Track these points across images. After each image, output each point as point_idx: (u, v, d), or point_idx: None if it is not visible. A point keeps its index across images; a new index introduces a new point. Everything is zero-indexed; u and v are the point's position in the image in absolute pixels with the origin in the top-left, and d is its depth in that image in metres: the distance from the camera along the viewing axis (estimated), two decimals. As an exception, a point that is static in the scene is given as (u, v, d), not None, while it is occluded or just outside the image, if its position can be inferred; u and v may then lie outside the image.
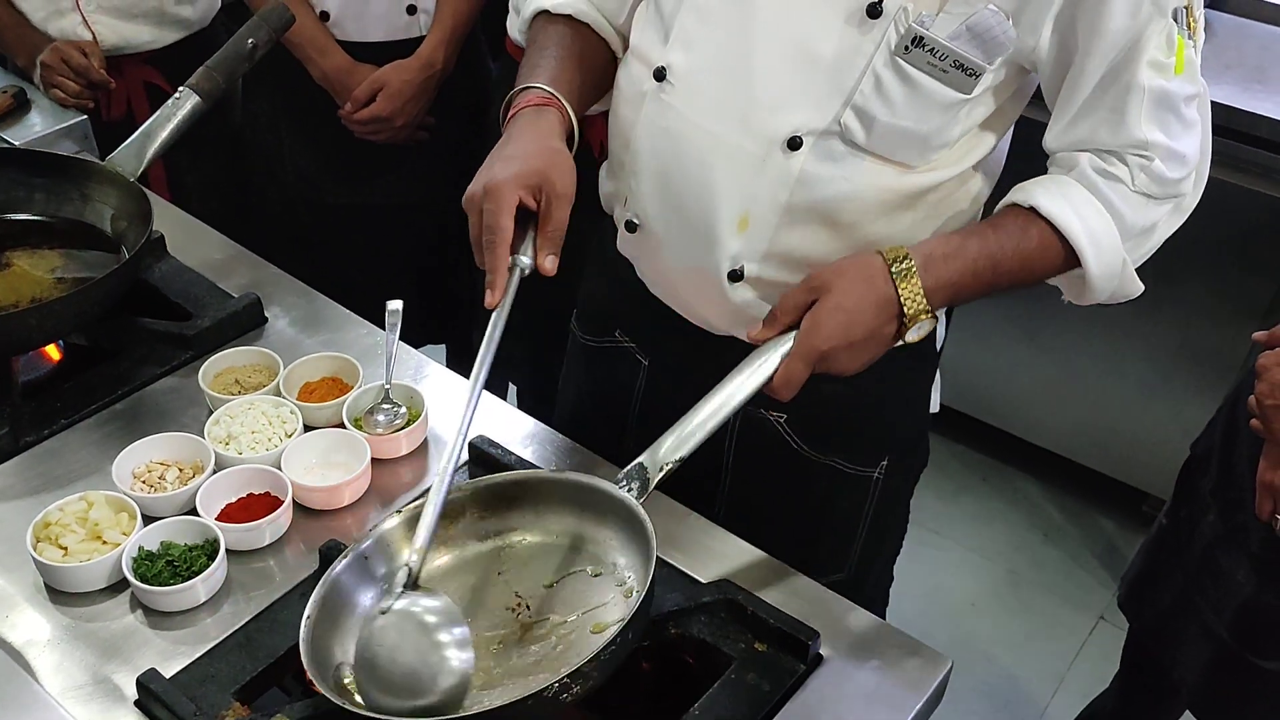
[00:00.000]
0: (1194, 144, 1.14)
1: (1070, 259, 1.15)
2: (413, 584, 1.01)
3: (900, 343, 1.13)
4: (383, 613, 0.99)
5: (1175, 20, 1.08)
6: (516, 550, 1.12)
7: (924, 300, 1.10)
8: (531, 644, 1.03)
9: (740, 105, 1.13)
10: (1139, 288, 1.21)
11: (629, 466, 1.09)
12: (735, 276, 1.20)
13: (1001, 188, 1.23)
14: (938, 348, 1.38)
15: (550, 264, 1.11)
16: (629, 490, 1.07)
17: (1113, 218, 1.14)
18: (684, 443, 1.08)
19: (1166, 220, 1.18)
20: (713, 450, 1.34)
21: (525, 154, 1.12)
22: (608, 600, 1.06)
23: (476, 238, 1.11)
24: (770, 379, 1.09)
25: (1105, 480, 2.71)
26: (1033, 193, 1.14)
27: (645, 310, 1.34)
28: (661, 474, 1.08)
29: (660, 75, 1.17)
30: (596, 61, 1.27)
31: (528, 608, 1.06)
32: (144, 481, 1.21)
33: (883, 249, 1.12)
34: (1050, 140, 1.17)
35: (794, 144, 1.12)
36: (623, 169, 1.26)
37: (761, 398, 1.12)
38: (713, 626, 1.10)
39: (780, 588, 1.16)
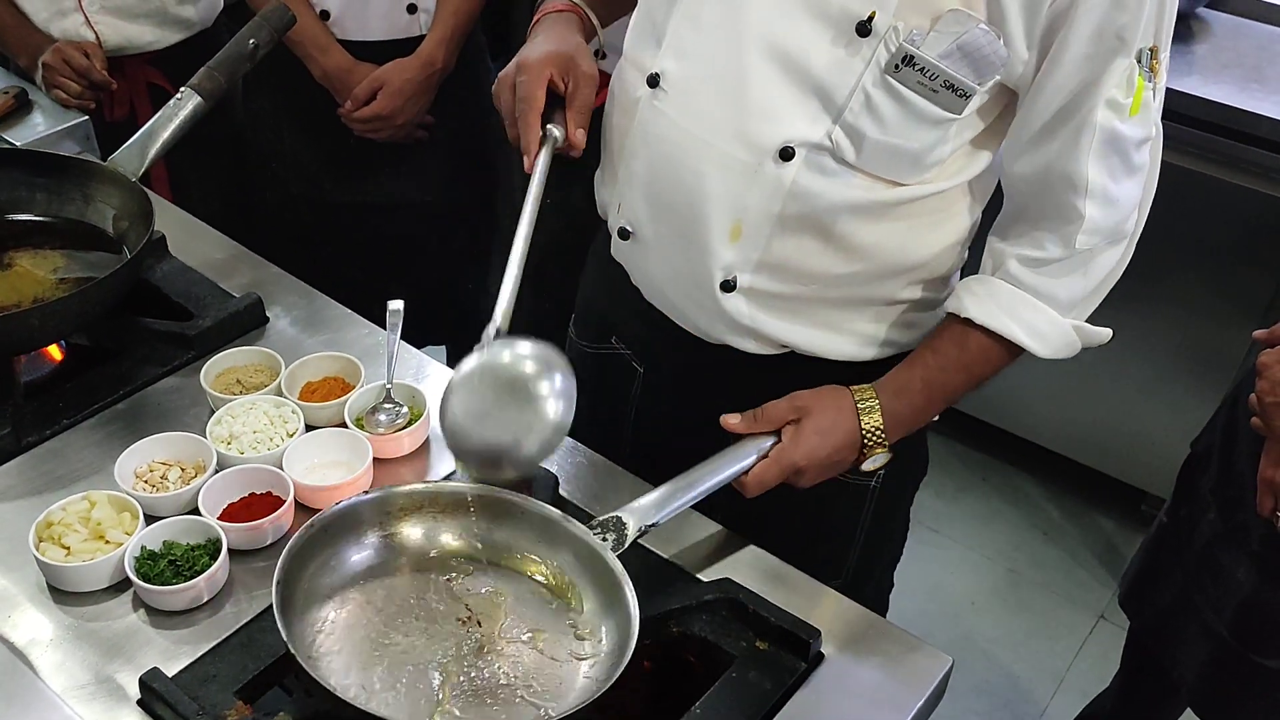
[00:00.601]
0: (1135, 189, 1.15)
1: (1015, 350, 1.21)
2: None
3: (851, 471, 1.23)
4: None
5: (1139, 61, 1.08)
6: (496, 560, 1.11)
7: (883, 434, 1.20)
8: (487, 662, 1.03)
9: (733, 114, 1.13)
10: (1105, 335, 1.25)
11: (606, 516, 1.09)
12: (728, 286, 1.21)
13: (994, 203, 1.24)
14: None
15: (580, 138, 1.22)
16: (604, 539, 1.07)
17: (1048, 304, 1.19)
18: (664, 510, 1.11)
19: (1118, 263, 1.21)
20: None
21: (551, 42, 1.24)
22: (563, 630, 1.06)
23: (509, 111, 1.23)
24: (745, 470, 1.17)
25: (1105, 479, 2.71)
26: (965, 303, 1.20)
27: (640, 318, 1.34)
28: (637, 535, 1.09)
29: (654, 82, 1.18)
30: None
31: (478, 624, 1.05)
32: (146, 481, 1.21)
33: (852, 388, 1.21)
34: (1007, 164, 1.18)
35: (786, 154, 1.12)
36: (615, 176, 1.27)
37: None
38: (714, 625, 1.10)
39: (781, 586, 1.16)
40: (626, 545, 1.08)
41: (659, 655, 1.12)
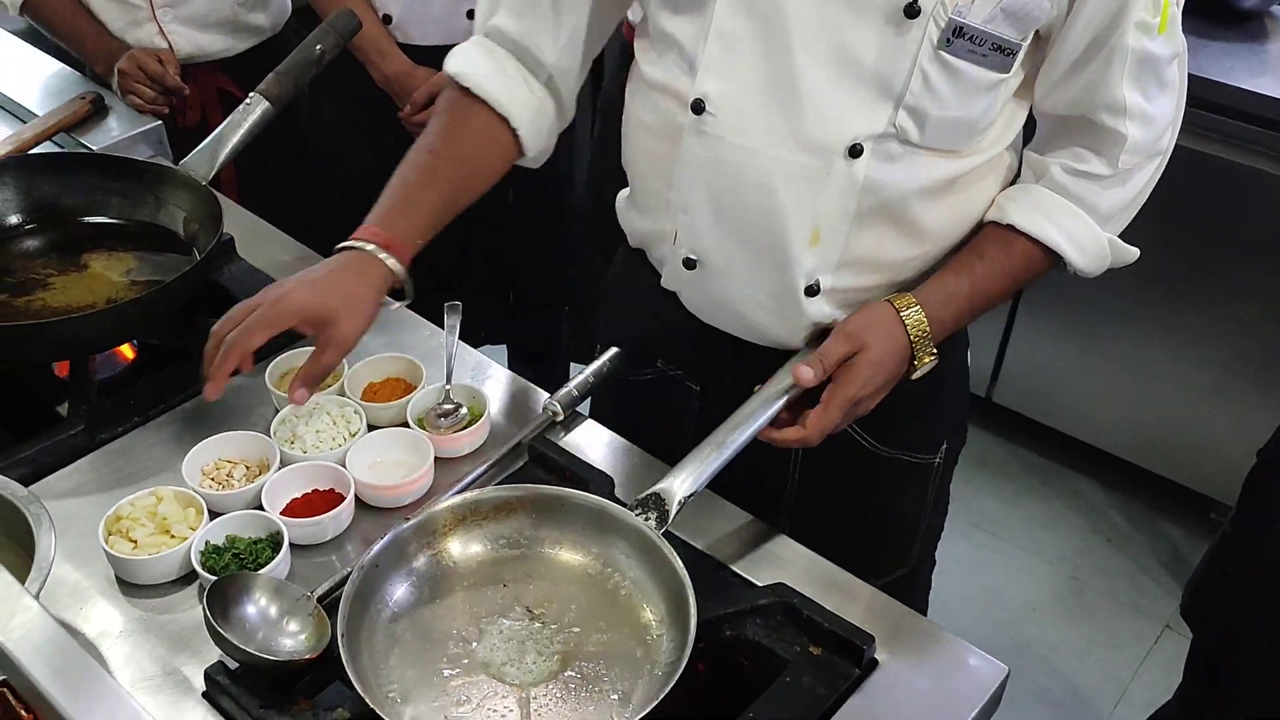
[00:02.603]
0: (1169, 104, 1.17)
1: (1055, 258, 1.22)
2: None
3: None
4: None
5: None
6: (545, 559, 1.12)
7: (931, 344, 1.19)
8: (559, 667, 1.04)
9: (793, 123, 1.12)
10: (1134, 254, 1.26)
11: (645, 494, 1.11)
12: (812, 291, 1.21)
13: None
14: None
15: (300, 396, 1.18)
16: (646, 519, 1.09)
17: (1087, 213, 1.20)
18: (699, 476, 1.13)
19: (1152, 178, 1.22)
20: (777, 462, 1.35)
21: (326, 288, 1.18)
22: (624, 622, 1.07)
23: (221, 331, 1.17)
24: (773, 418, 1.16)
25: (1170, 485, 2.66)
26: (1007, 210, 1.21)
27: (695, 338, 1.32)
28: (679, 508, 1.10)
29: (699, 108, 1.15)
30: (475, 162, 1.29)
31: (542, 628, 1.06)
32: (212, 478, 1.24)
33: (894, 300, 1.18)
34: (1039, 100, 1.19)
35: (855, 151, 1.12)
36: (666, 206, 1.24)
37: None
38: (767, 629, 1.10)
39: (836, 591, 1.16)
40: (671, 520, 1.09)
41: (712, 658, 1.12)
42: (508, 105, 1.27)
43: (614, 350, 1.36)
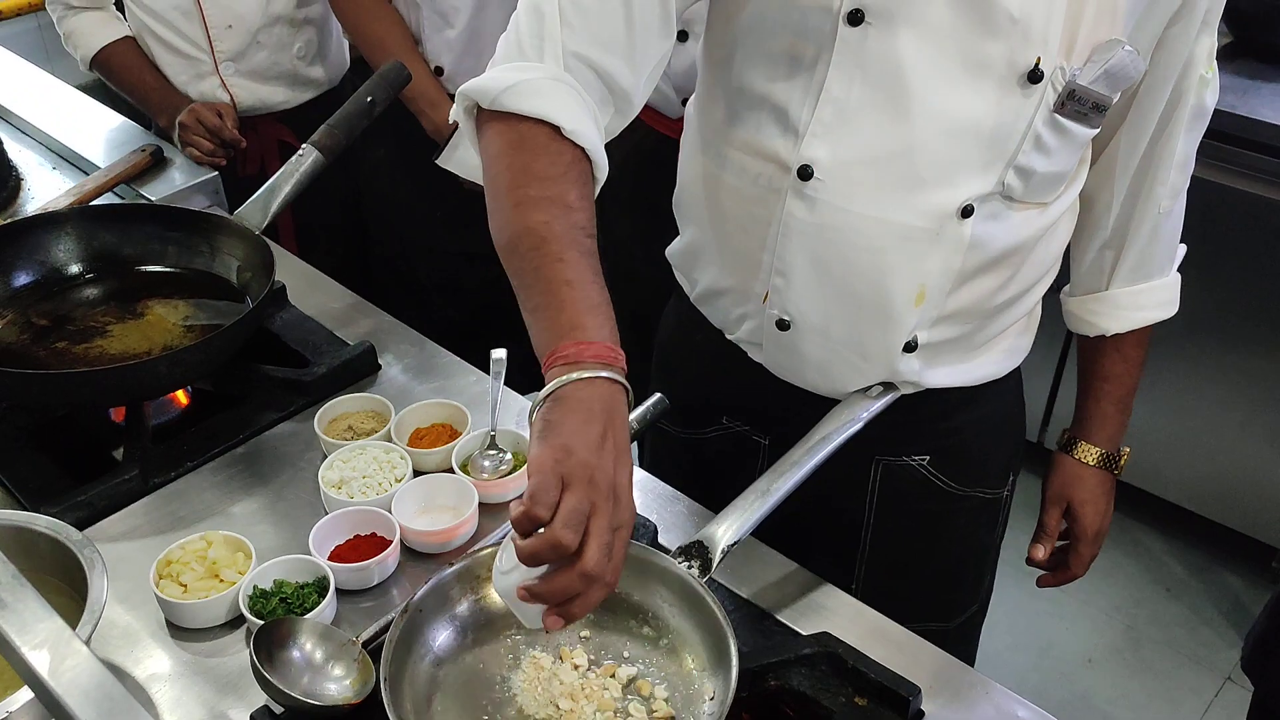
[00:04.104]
0: (1195, 144, 1.25)
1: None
2: None
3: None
4: None
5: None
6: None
7: (1118, 461, 1.44)
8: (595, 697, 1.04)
9: (907, 188, 1.10)
10: (1182, 251, 1.36)
11: (688, 542, 1.11)
12: (909, 348, 1.21)
13: None
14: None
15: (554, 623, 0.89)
16: (690, 567, 1.09)
17: (1158, 276, 1.33)
18: (742, 525, 1.13)
19: (1181, 213, 1.31)
20: (851, 509, 1.36)
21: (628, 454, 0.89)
22: (665, 671, 1.06)
23: (580, 512, 0.83)
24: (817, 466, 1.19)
25: (1230, 533, 2.61)
26: (1100, 324, 1.36)
27: (765, 393, 1.30)
28: (722, 556, 1.10)
29: (806, 173, 1.12)
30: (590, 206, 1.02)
31: (587, 677, 1.06)
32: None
33: (1074, 453, 1.43)
34: (1120, 155, 1.24)
35: (966, 212, 1.11)
36: (755, 267, 1.22)
37: (900, 442, 1.30)
38: (813, 679, 1.09)
39: (882, 641, 1.15)
40: (714, 568, 1.09)
41: (756, 708, 1.11)
42: (595, 155, 1.03)
43: (657, 396, 1.36)
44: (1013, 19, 1.02)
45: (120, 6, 2.17)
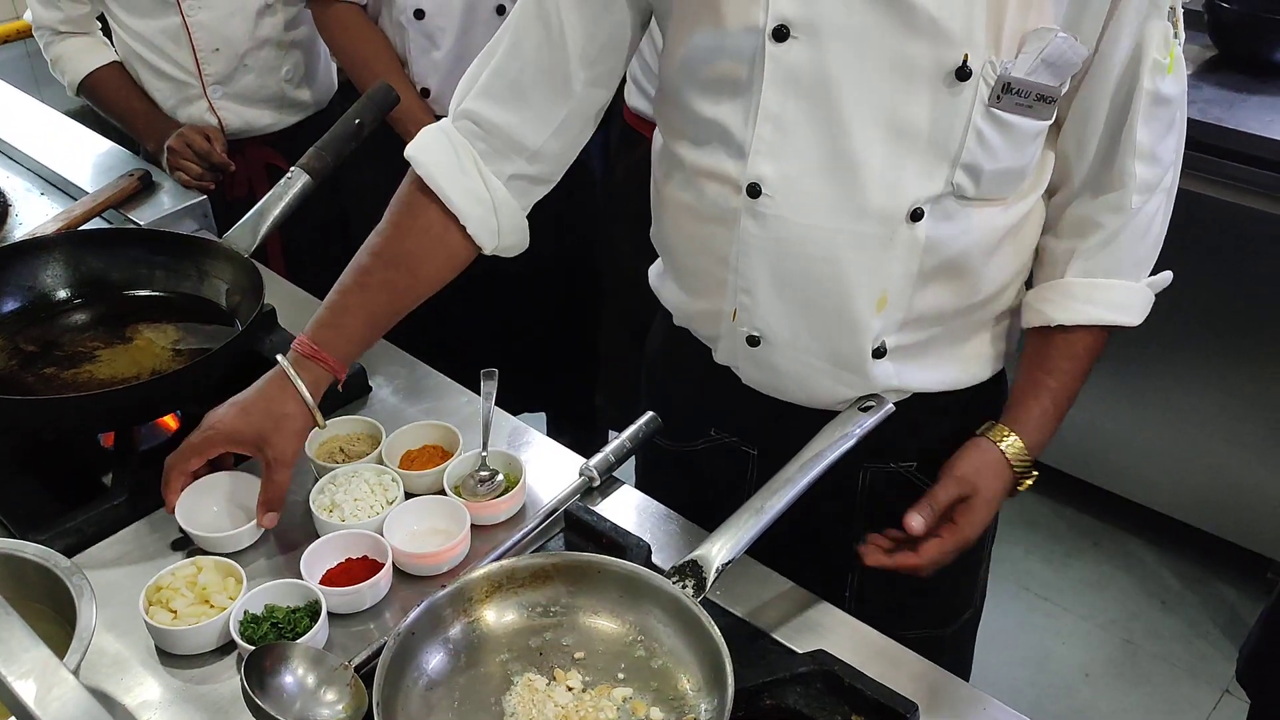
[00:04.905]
0: (1174, 145, 1.19)
1: (1110, 330, 1.26)
2: None
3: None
4: None
5: (1168, 19, 1.12)
6: (580, 626, 1.11)
7: (1031, 467, 1.25)
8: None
9: (854, 195, 1.12)
10: (1168, 278, 1.27)
11: (682, 561, 1.11)
12: (879, 353, 1.21)
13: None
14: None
15: (269, 520, 1.24)
16: (684, 587, 1.09)
17: (1119, 278, 1.23)
18: (735, 544, 1.12)
19: (1164, 219, 1.24)
20: (840, 517, 1.35)
21: (251, 411, 1.24)
22: (661, 694, 1.05)
23: (171, 463, 1.25)
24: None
25: (1225, 545, 2.61)
26: (1050, 314, 1.24)
27: (750, 406, 1.32)
28: (716, 575, 1.10)
29: (755, 191, 1.15)
30: (417, 263, 1.30)
31: (583, 697, 1.05)
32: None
33: (992, 436, 1.24)
34: (1073, 147, 1.20)
35: (916, 215, 1.12)
36: (720, 286, 1.24)
37: (886, 450, 1.26)
38: (808, 697, 1.09)
39: (877, 658, 1.14)
40: (709, 588, 1.08)
41: (753, 727, 1.11)
42: (458, 202, 1.27)
43: (650, 415, 1.36)
44: (932, 18, 1.04)
45: (107, 32, 2.17)
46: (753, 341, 1.24)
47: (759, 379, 1.29)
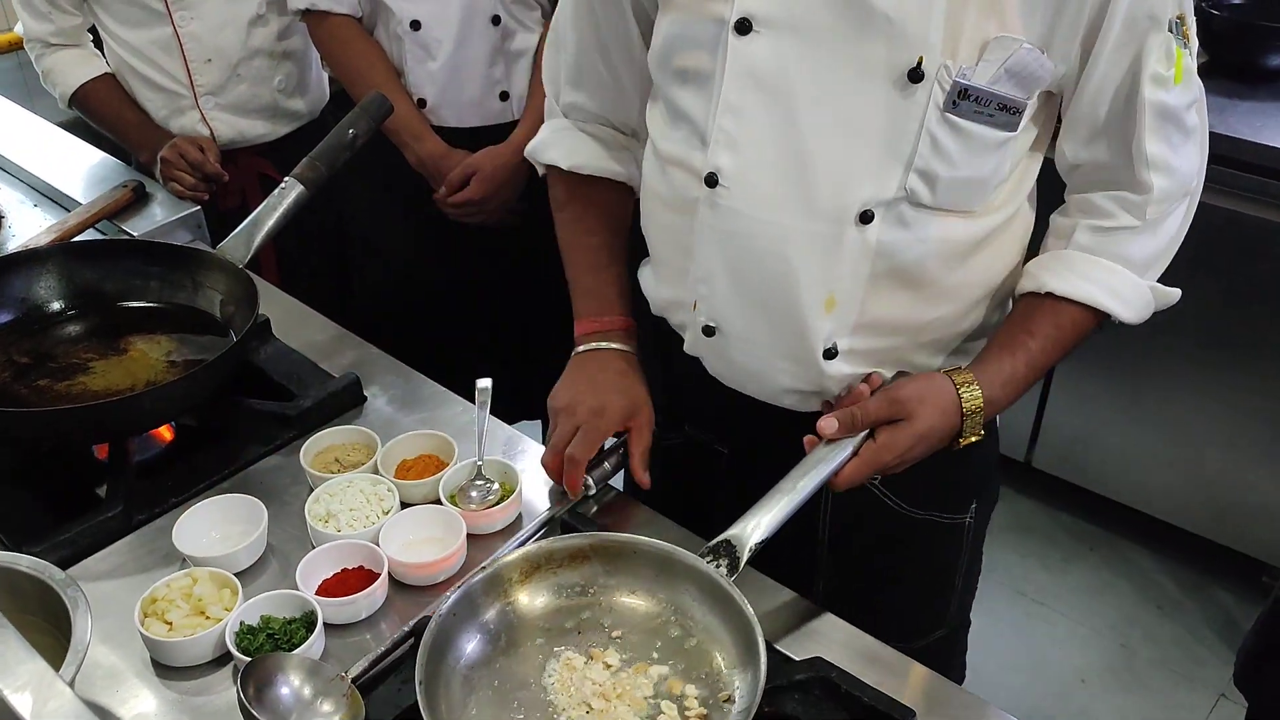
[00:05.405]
0: (1193, 151, 1.18)
1: (1101, 315, 1.21)
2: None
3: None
4: None
5: (1171, 32, 1.10)
6: (616, 606, 1.13)
7: (980, 427, 1.18)
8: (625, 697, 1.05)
9: (803, 192, 1.13)
10: (1175, 294, 1.24)
11: (715, 541, 1.12)
12: (830, 354, 1.21)
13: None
14: None
15: (647, 479, 1.31)
16: (717, 566, 1.10)
17: (1123, 266, 1.20)
18: (769, 523, 1.12)
19: (1184, 221, 1.22)
20: (806, 530, 1.34)
21: (619, 389, 1.31)
22: (699, 676, 1.07)
23: (561, 446, 1.28)
24: (841, 466, 1.15)
25: (1221, 549, 2.61)
26: (1044, 280, 1.20)
27: (719, 402, 1.33)
28: (750, 555, 1.11)
29: (712, 181, 1.16)
30: (621, 227, 1.42)
31: (619, 677, 1.07)
32: (248, 558, 1.24)
33: (954, 377, 1.16)
34: (1069, 156, 1.19)
35: (866, 218, 1.13)
36: (684, 276, 1.26)
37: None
38: (806, 705, 1.08)
39: (874, 665, 1.14)
40: (741, 567, 1.10)
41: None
42: (625, 174, 1.39)
43: None
44: (889, 19, 1.04)
45: (98, 43, 2.17)
46: (708, 331, 1.26)
47: (721, 370, 1.31)
